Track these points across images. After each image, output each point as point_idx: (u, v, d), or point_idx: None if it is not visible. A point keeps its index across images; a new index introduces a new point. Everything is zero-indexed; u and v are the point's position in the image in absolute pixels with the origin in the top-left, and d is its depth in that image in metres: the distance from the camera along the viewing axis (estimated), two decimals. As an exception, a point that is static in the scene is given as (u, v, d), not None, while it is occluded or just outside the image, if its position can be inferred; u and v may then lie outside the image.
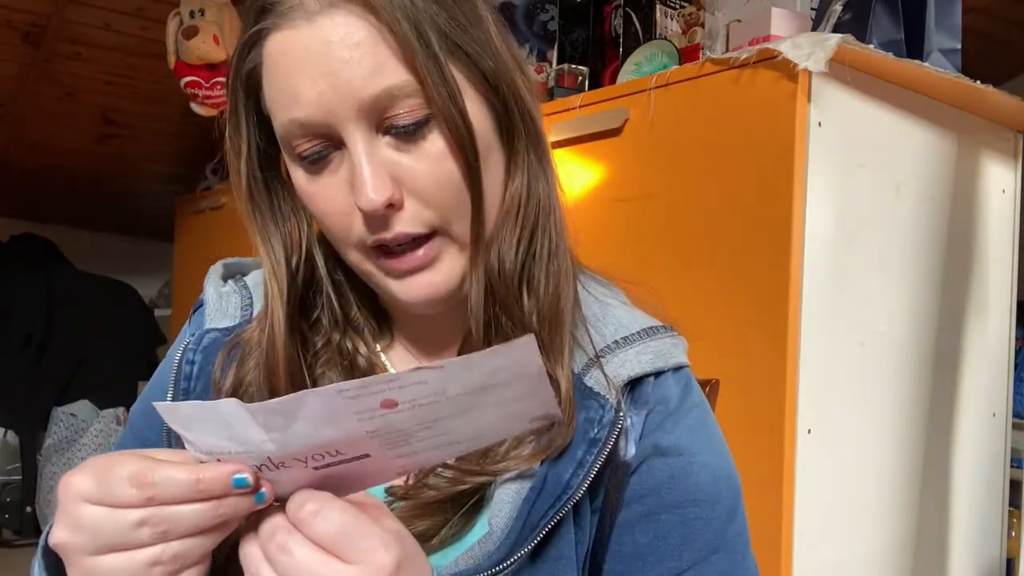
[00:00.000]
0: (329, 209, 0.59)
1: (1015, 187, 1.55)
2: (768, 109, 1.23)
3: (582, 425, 0.59)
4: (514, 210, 0.62)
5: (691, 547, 0.61)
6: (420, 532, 0.57)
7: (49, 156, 3.23)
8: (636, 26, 1.65)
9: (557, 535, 0.58)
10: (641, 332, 0.64)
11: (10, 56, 2.51)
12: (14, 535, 3.11)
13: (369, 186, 0.55)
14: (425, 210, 0.58)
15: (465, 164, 0.57)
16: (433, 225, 0.58)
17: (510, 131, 0.61)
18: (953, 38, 1.37)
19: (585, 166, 1.51)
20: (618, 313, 0.66)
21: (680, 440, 0.62)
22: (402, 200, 0.57)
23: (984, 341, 1.50)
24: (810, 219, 1.21)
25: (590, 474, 0.58)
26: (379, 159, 0.57)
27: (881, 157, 1.32)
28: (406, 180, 0.57)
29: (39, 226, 3.60)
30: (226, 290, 0.72)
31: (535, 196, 0.63)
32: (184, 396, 0.68)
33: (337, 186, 0.58)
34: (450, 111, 0.55)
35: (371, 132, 0.56)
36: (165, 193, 3.41)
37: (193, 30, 2.16)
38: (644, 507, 0.61)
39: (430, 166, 0.57)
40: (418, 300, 0.61)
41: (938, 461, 1.43)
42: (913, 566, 1.38)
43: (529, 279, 0.62)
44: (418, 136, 0.57)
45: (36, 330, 3.14)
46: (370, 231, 0.58)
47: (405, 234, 0.58)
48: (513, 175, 0.62)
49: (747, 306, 1.24)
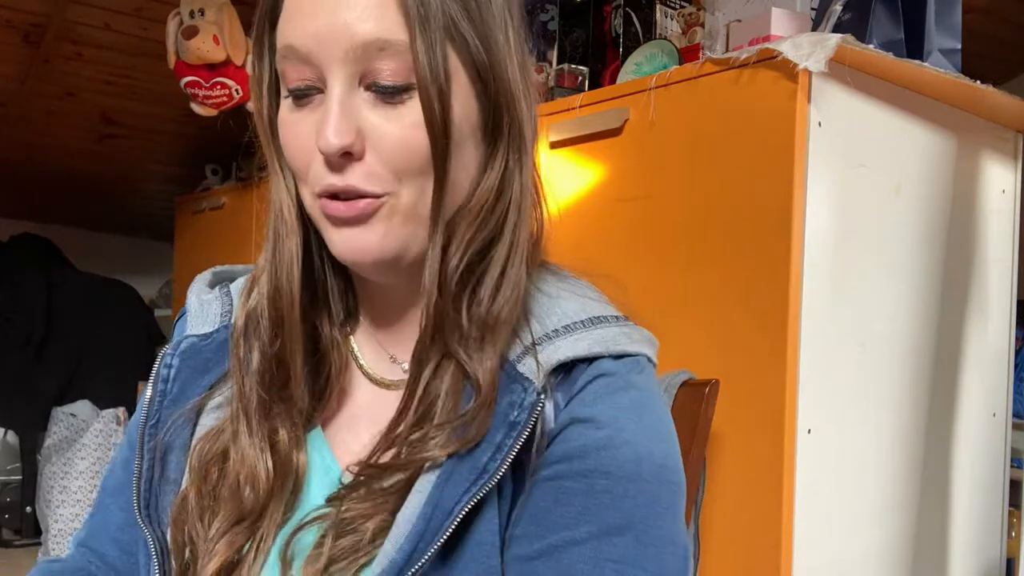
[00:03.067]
0: (296, 144, 0.61)
1: (1015, 187, 1.55)
2: (768, 109, 1.23)
3: (504, 409, 0.59)
4: (477, 209, 0.62)
5: (592, 520, 0.57)
6: (373, 532, 0.58)
7: (49, 156, 3.23)
8: (636, 26, 1.65)
9: (478, 519, 0.57)
10: (586, 321, 0.63)
11: (10, 56, 2.51)
12: (14, 535, 3.11)
13: (332, 128, 0.57)
14: (382, 170, 0.59)
15: (433, 141, 0.58)
16: (386, 189, 0.59)
17: (494, 130, 0.62)
18: (953, 38, 1.37)
19: (585, 166, 1.51)
20: (566, 305, 0.65)
21: (602, 414, 0.59)
22: (363, 152, 0.58)
23: (984, 341, 1.50)
24: (810, 219, 1.21)
25: (508, 457, 0.57)
26: (352, 108, 0.58)
27: (881, 157, 1.32)
28: (371, 136, 0.58)
29: (39, 226, 3.60)
30: (208, 298, 0.75)
31: (504, 202, 0.63)
32: (161, 397, 0.70)
33: (309, 124, 0.60)
34: (430, 84, 0.57)
35: (353, 82, 0.58)
36: (165, 193, 3.41)
37: (193, 30, 2.16)
38: (552, 472, 0.59)
39: (400, 130, 0.58)
40: (349, 258, 0.62)
41: (938, 461, 1.43)
42: (913, 566, 1.38)
43: (476, 285, 0.62)
44: (396, 100, 0.58)
45: (36, 330, 3.14)
46: (324, 175, 0.59)
47: (355, 188, 0.59)
48: (487, 175, 0.62)
49: (747, 306, 1.24)
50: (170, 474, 0.67)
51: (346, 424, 0.68)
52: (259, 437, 0.64)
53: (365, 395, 0.70)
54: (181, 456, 0.67)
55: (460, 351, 0.61)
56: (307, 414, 0.67)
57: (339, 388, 0.69)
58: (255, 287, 0.69)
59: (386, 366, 0.70)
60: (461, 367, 0.61)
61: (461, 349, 0.61)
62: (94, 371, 3.19)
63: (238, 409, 0.65)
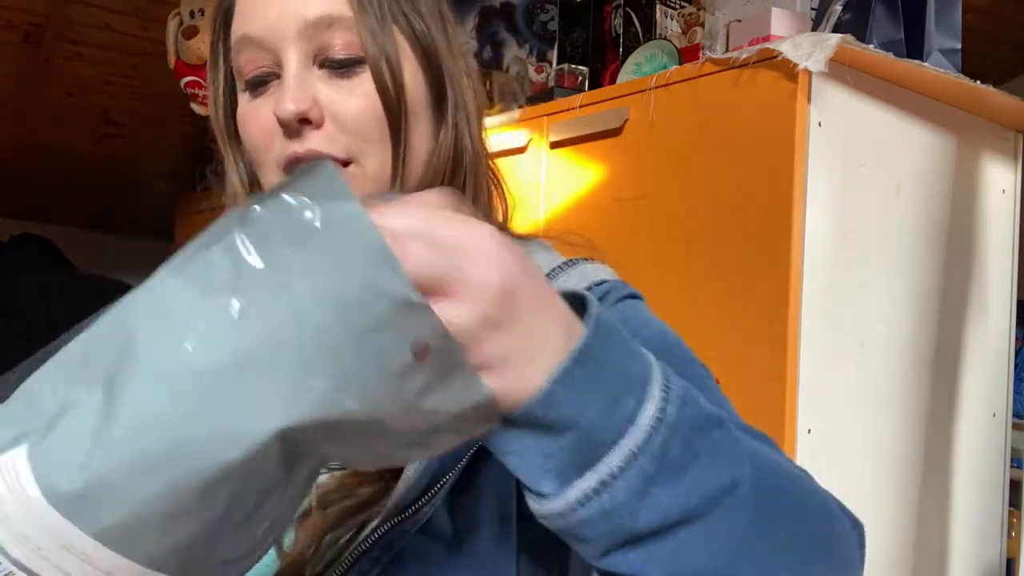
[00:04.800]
0: (255, 129, 0.62)
1: (1015, 187, 1.55)
2: (768, 109, 1.23)
3: None
4: (437, 177, 0.64)
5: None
6: (366, 498, 0.56)
7: (49, 156, 3.24)
8: (636, 26, 1.65)
9: (486, 464, 0.56)
10: (563, 264, 0.67)
11: (10, 56, 2.51)
12: (14, 535, 3.11)
13: (288, 95, 0.59)
14: (342, 135, 0.61)
15: (387, 107, 0.60)
16: (349, 152, 0.61)
17: (441, 104, 0.65)
18: (953, 38, 1.37)
19: (585, 166, 1.51)
20: (538, 258, 0.68)
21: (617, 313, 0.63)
22: (321, 119, 0.60)
23: (984, 341, 1.50)
24: (810, 219, 1.21)
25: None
26: (307, 80, 0.60)
27: (881, 157, 1.32)
28: (328, 107, 0.60)
29: (39, 226, 3.60)
30: None
31: (461, 170, 0.66)
32: None
33: (267, 106, 0.61)
34: (378, 54, 0.60)
35: (307, 60, 0.61)
36: (165, 193, 3.41)
37: (193, 30, 2.16)
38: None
39: (356, 100, 0.60)
40: None
41: (938, 461, 1.43)
42: (913, 566, 1.38)
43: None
44: (350, 73, 0.60)
45: (36, 330, 3.14)
46: (287, 146, 0.61)
47: (317, 151, 0.60)
48: (440, 144, 0.65)
49: (747, 306, 1.24)
50: None
51: None
52: None
53: None
54: None
55: None
56: None
57: None
58: None
59: None
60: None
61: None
62: (94, 371, 3.19)
63: None
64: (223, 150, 0.69)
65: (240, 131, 0.65)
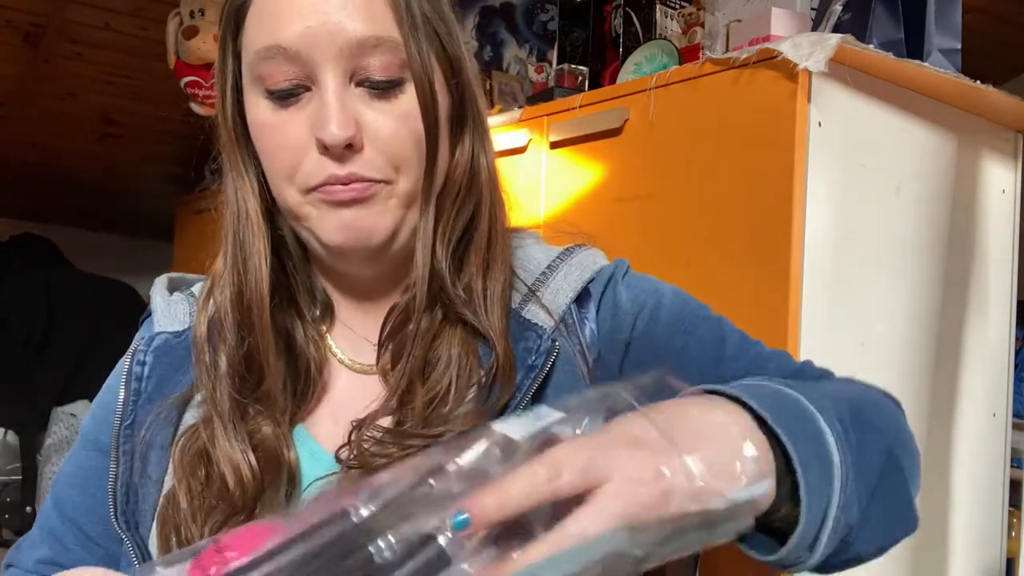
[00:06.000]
0: (285, 143, 0.62)
1: (1015, 187, 1.55)
2: (768, 109, 1.23)
3: (521, 354, 0.64)
4: (456, 188, 0.66)
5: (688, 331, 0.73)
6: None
7: (49, 156, 3.23)
8: (636, 26, 1.65)
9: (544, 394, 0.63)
10: (561, 255, 0.70)
11: (10, 56, 2.51)
12: (14, 535, 3.11)
13: (335, 120, 0.59)
14: (380, 159, 0.61)
15: (428, 128, 0.61)
16: (385, 174, 0.62)
17: (460, 116, 0.66)
18: (953, 38, 1.37)
19: (585, 166, 1.51)
20: (532, 251, 0.71)
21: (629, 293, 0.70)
22: (362, 144, 0.61)
23: (984, 341, 1.50)
24: (810, 219, 1.21)
25: (527, 397, 0.62)
26: (348, 102, 0.60)
27: (881, 157, 1.32)
28: (368, 129, 0.61)
29: (39, 226, 3.60)
30: (173, 299, 0.75)
31: (478, 181, 0.67)
32: (135, 397, 0.69)
33: (299, 122, 0.61)
34: (423, 77, 0.60)
35: (345, 79, 0.60)
36: (165, 193, 3.41)
37: (193, 30, 2.16)
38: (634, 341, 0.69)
39: (395, 122, 0.61)
40: (348, 238, 0.62)
41: (938, 461, 1.43)
42: (913, 566, 1.38)
43: (463, 255, 0.67)
44: (389, 95, 0.61)
45: (36, 330, 3.14)
46: (323, 167, 0.60)
47: (357, 175, 0.61)
48: (458, 158, 0.66)
49: (747, 306, 1.24)
50: (151, 473, 0.66)
51: (329, 416, 0.69)
52: (237, 439, 0.63)
53: (345, 385, 0.70)
54: (162, 454, 0.67)
55: (466, 312, 0.64)
56: (290, 412, 0.67)
57: (320, 384, 0.69)
58: (212, 295, 0.68)
59: (362, 351, 0.70)
60: (468, 328, 0.64)
61: (467, 311, 0.64)
62: (94, 371, 3.17)
63: (211, 413, 0.65)
64: (229, 155, 0.68)
65: (257, 139, 0.64)
